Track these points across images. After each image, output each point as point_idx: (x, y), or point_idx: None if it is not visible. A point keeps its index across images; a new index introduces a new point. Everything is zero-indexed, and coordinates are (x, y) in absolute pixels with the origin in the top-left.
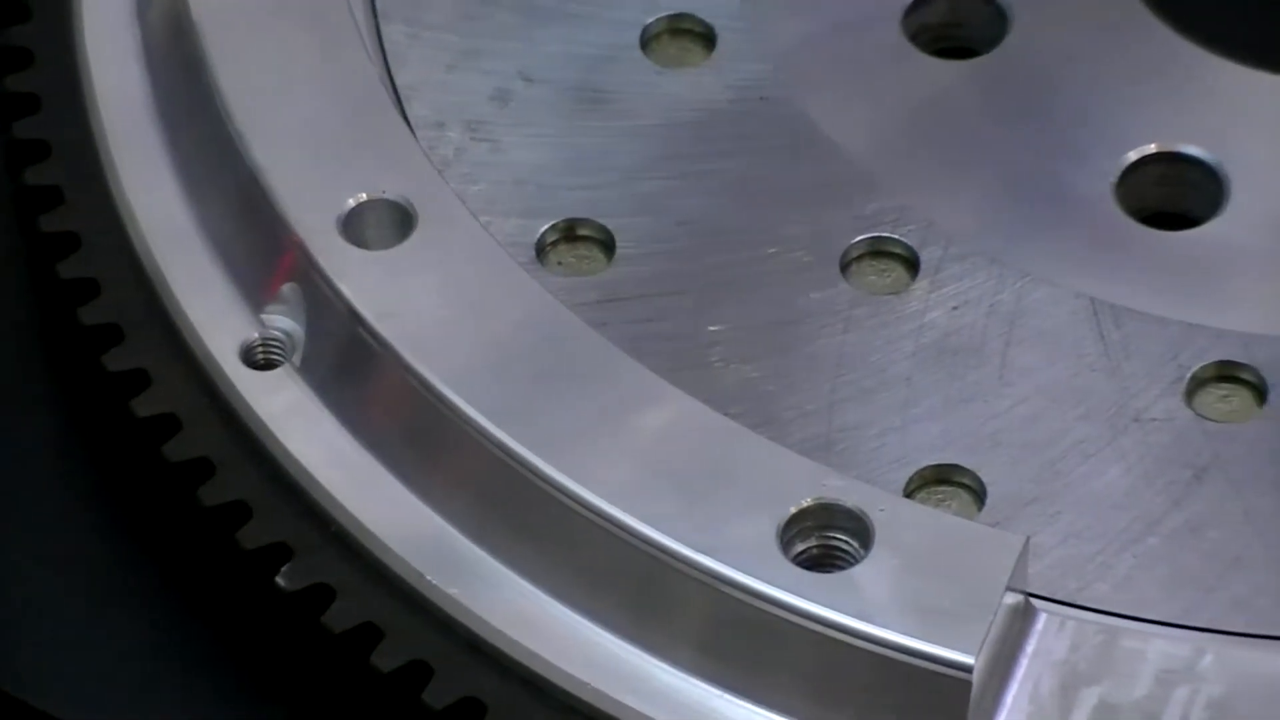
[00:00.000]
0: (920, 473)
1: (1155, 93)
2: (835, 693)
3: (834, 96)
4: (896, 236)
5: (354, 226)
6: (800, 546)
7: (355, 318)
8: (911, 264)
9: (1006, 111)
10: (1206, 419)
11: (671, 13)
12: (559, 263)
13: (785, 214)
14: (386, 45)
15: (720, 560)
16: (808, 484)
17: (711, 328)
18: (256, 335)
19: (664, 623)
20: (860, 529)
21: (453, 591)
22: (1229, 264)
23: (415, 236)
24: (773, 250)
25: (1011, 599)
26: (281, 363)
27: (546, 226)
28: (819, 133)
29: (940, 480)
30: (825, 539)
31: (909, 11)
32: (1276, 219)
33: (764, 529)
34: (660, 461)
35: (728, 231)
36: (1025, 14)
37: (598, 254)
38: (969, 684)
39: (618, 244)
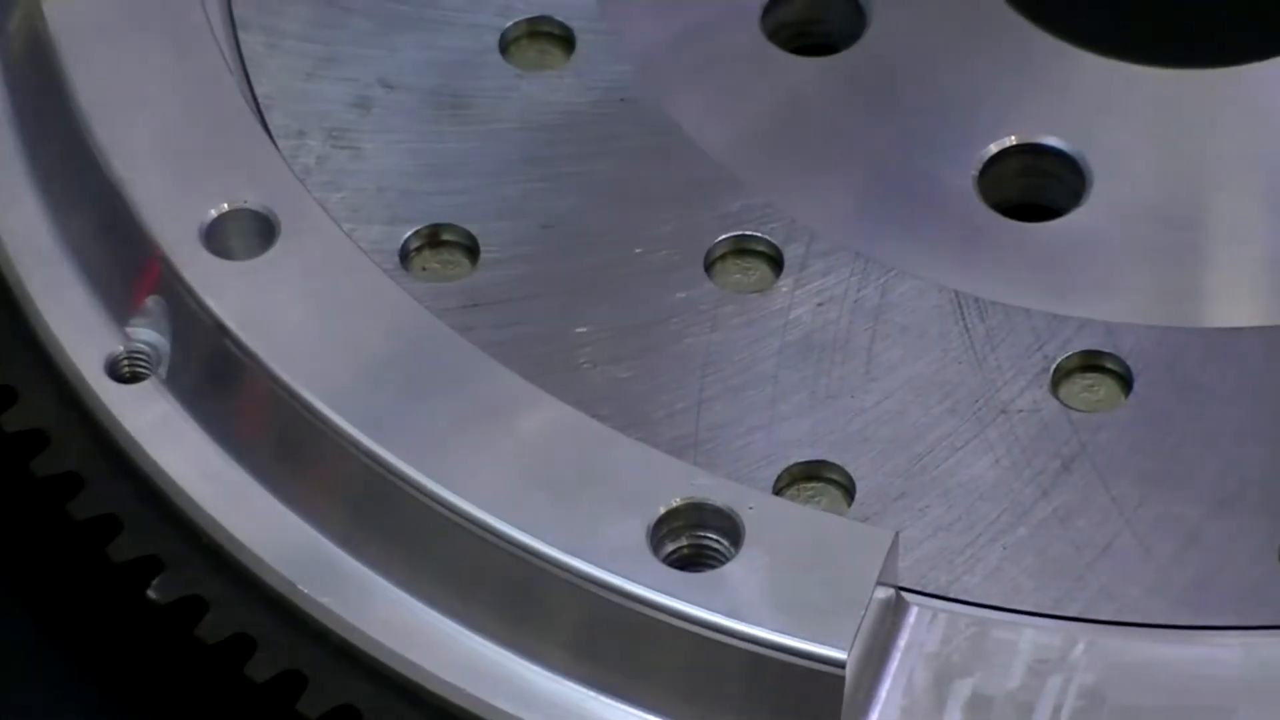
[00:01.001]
0: (789, 470)
1: (1014, 85)
2: (710, 692)
3: (695, 96)
4: (760, 234)
5: (216, 237)
6: (671, 546)
7: (220, 329)
8: (776, 261)
9: (867, 107)
10: (1073, 409)
11: (530, 16)
12: (423, 269)
13: (649, 215)
14: (245, 55)
15: (591, 562)
16: (676, 484)
17: (578, 329)
18: (122, 349)
19: (537, 626)
20: (730, 527)
21: (325, 600)
22: (1091, 254)
23: (278, 246)
24: (638, 251)
25: (882, 593)
26: (147, 376)
27: (410, 233)
28: (681, 133)
29: (809, 477)
30: (695, 538)
31: (767, 10)
32: (1137, 208)
33: (634, 530)
34: (529, 465)
35: (592, 233)
36: (883, 9)
37: (462, 259)
38: (842, 679)
39: (482, 248)
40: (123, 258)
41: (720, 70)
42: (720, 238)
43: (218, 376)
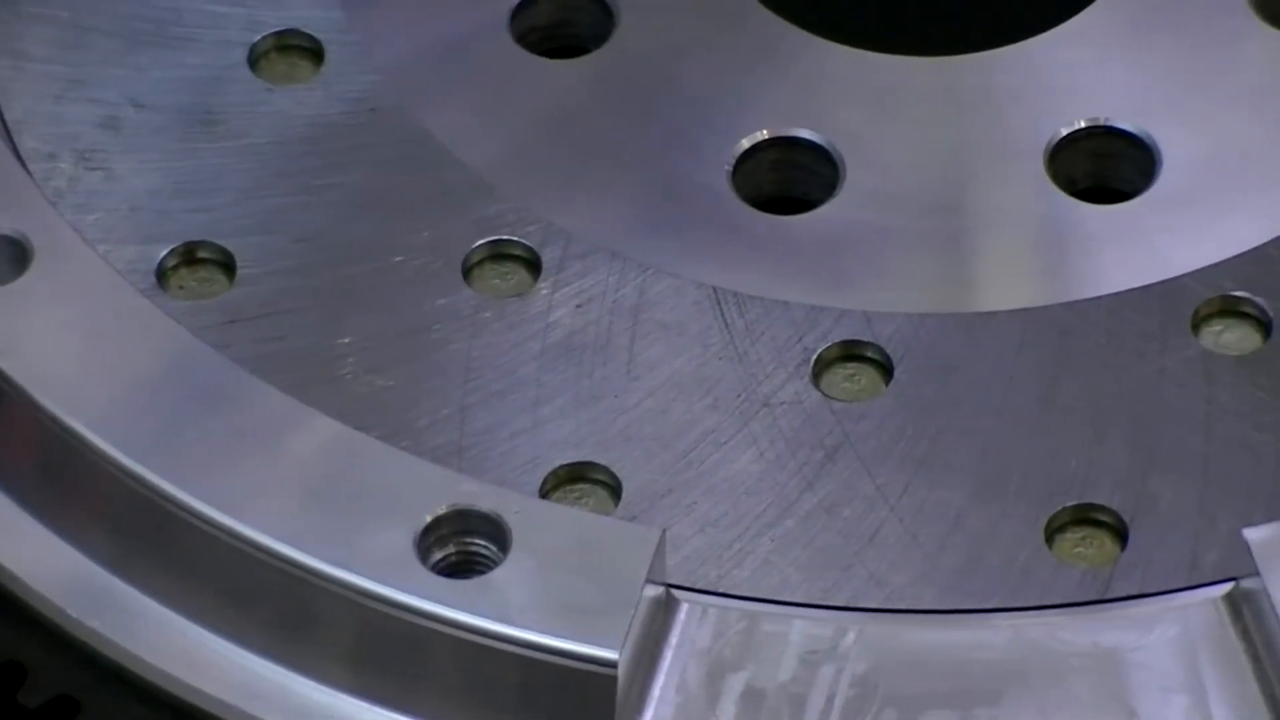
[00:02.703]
0: (554, 472)
1: (764, 80)
2: (485, 698)
3: (447, 104)
4: (516, 239)
5: None
6: (439, 554)
7: None
8: (533, 265)
9: (620, 107)
10: (834, 399)
11: (277, 29)
12: (180, 287)
13: (405, 223)
14: None
15: (358, 573)
16: (442, 491)
17: (341, 340)
18: None
19: (310, 641)
20: (497, 533)
21: (95, 625)
22: (847, 244)
23: (32, 271)
24: (396, 260)
25: (652, 592)
26: None
27: (165, 251)
28: (433, 140)
29: (575, 478)
30: (463, 545)
31: (515, 14)
32: (890, 196)
33: (401, 539)
34: (293, 480)
35: (349, 244)
36: (631, 9)
37: (219, 276)
38: (614, 679)
39: (238, 264)
40: None
41: (471, 76)
42: (477, 243)
43: None
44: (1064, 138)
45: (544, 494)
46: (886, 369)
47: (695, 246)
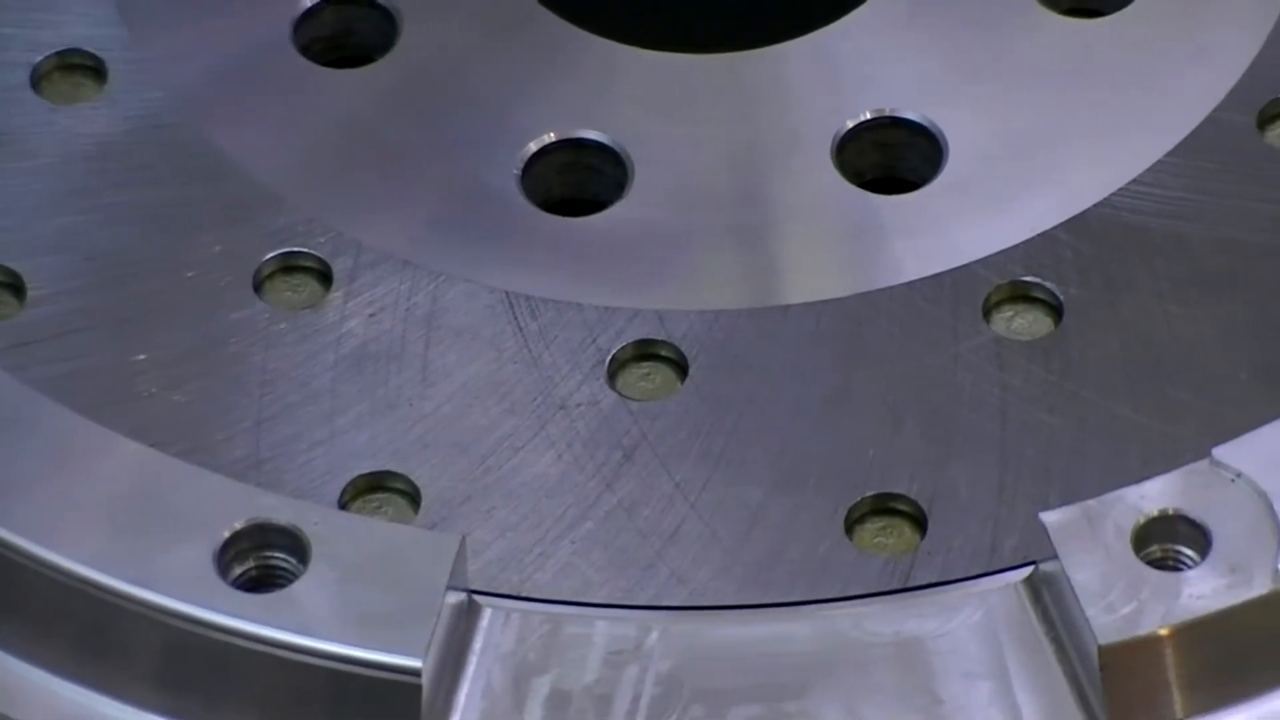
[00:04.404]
0: (353, 482)
1: (550, 82)
2: (293, 711)
3: (233, 118)
4: (307, 250)
5: None
6: (239, 569)
7: None
8: (324, 276)
9: (407, 115)
10: (630, 399)
11: (59, 49)
12: None
13: (196, 238)
14: None
15: (158, 591)
16: (239, 506)
17: (136, 358)
18: None
19: (115, 662)
20: (296, 545)
21: None
22: (638, 243)
23: None
24: (189, 275)
25: (453, 598)
26: None
27: None
28: (221, 155)
29: (374, 488)
30: (263, 559)
31: (298, 25)
32: (680, 194)
33: (200, 556)
34: (91, 502)
35: (141, 261)
36: (414, 16)
37: (8, 298)
38: (419, 687)
39: (28, 287)
40: None
41: (257, 90)
42: (267, 256)
43: None
44: (850, 130)
45: (343, 505)
46: (681, 367)
47: (487, 252)
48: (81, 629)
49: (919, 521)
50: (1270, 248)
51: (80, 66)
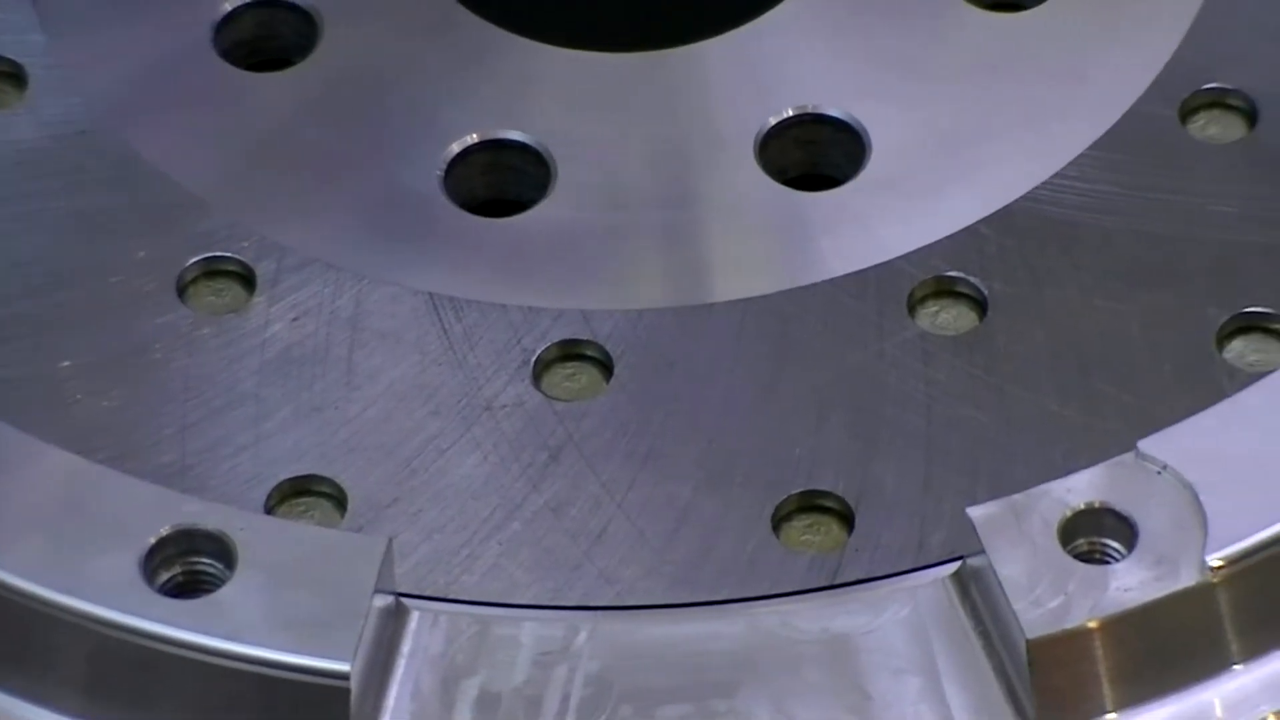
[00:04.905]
0: (279, 487)
1: (472, 83)
2: (222, 717)
3: (155, 123)
4: (230, 254)
5: None
6: (165, 575)
7: None
8: (248, 280)
9: (329, 117)
10: (556, 399)
11: None
12: None
13: (119, 245)
14: None
15: (84, 599)
16: (165, 512)
17: (62, 364)
18: None
19: (44, 671)
20: (223, 550)
21: None
22: (562, 243)
23: None
24: (113, 280)
25: (381, 601)
26: None
27: None
28: (144, 161)
29: (300, 492)
30: (189, 565)
31: (219, 30)
32: (603, 194)
33: (126, 563)
34: (16, 509)
35: (65, 268)
36: (334, 19)
37: None
38: (348, 691)
39: None
40: None
41: (178, 95)
42: (190, 261)
43: None
44: (773, 127)
45: (269, 509)
46: (607, 366)
47: (411, 254)
48: (7, 636)
49: (846, 518)
50: (1190, 239)
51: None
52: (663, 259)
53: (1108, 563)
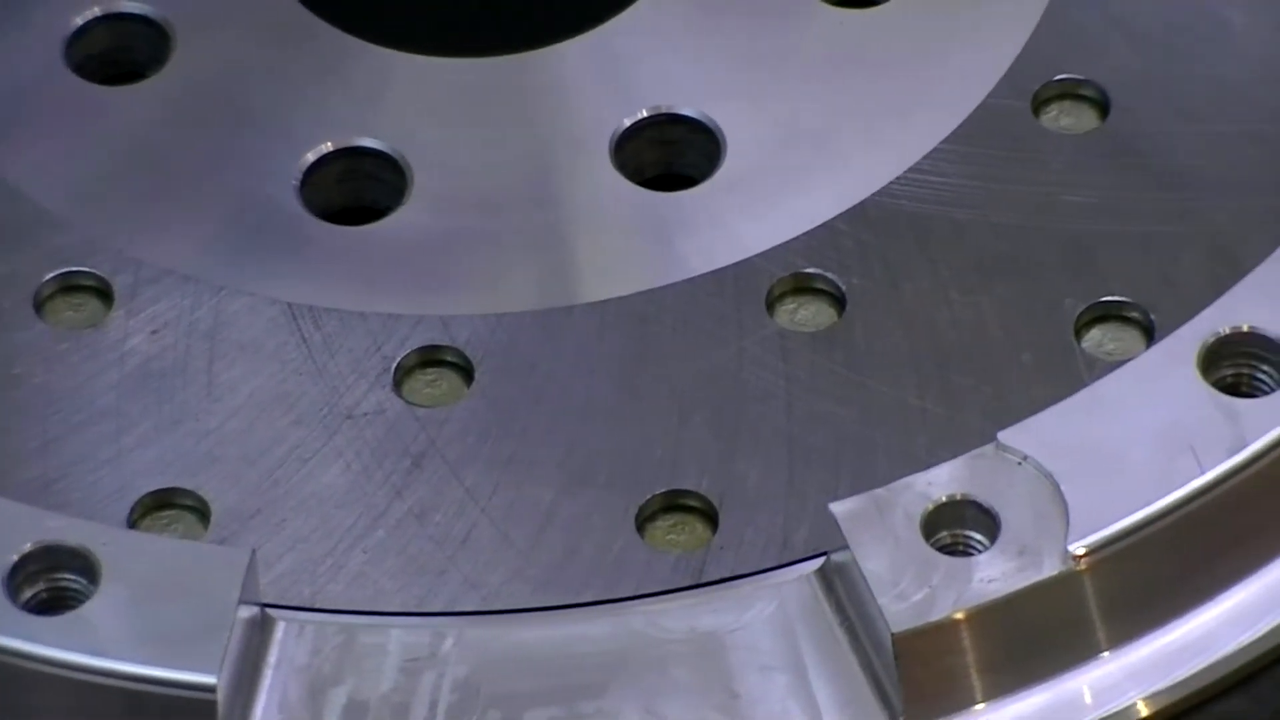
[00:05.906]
0: (141, 500)
1: (326, 92)
2: None
3: (6, 139)
4: (86, 269)
5: None
6: (29, 592)
7: None
8: (105, 294)
9: (184, 129)
10: (417, 405)
11: None
12: None
13: None
14: None
15: None
16: (27, 529)
17: None
18: None
19: None
20: (86, 566)
21: None
22: (420, 249)
23: None
24: None
25: (246, 613)
26: None
27: None
28: None
29: (163, 505)
30: (53, 581)
31: (70, 43)
32: (460, 199)
33: None
34: None
35: None
36: (187, 31)
37: None
38: (214, 704)
39: None
40: None
41: (30, 110)
42: (47, 277)
43: None
44: (628, 128)
45: (133, 523)
46: (467, 372)
47: (268, 264)
48: None
49: (710, 517)
50: (1046, 230)
51: None
52: (521, 263)
53: (971, 554)
